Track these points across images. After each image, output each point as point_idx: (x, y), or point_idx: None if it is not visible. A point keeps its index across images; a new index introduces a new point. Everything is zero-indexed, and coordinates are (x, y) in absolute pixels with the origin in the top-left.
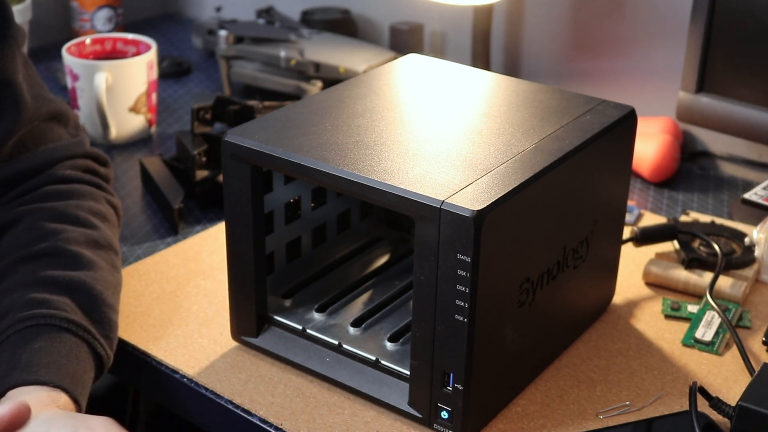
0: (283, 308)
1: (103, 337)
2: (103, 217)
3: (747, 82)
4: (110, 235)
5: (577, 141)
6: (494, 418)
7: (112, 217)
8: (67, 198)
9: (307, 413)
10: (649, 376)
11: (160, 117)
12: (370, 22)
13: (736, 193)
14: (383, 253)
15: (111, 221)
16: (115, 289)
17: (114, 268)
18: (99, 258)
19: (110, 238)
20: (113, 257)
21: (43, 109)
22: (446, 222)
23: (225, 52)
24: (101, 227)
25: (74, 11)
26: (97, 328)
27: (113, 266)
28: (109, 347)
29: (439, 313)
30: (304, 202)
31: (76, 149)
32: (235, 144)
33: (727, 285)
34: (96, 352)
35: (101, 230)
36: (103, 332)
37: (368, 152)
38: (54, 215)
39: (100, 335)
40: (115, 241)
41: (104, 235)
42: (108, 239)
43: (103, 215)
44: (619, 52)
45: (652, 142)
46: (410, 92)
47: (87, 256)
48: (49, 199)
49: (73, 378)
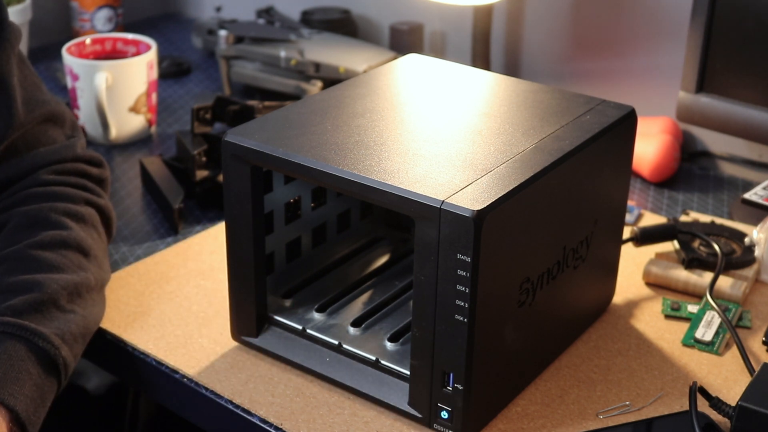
0: (283, 308)
1: (51, 331)
2: (79, 217)
3: (747, 82)
4: (82, 236)
5: (577, 141)
6: (494, 418)
7: (91, 217)
8: (43, 201)
9: (307, 413)
10: (649, 376)
11: (160, 117)
12: (370, 22)
13: (736, 193)
14: (383, 253)
15: (88, 222)
16: (75, 288)
17: (80, 267)
18: (63, 258)
19: (81, 239)
20: (80, 258)
21: (36, 112)
22: (446, 222)
23: (225, 52)
24: (73, 228)
25: (74, 11)
26: (43, 324)
27: (79, 266)
28: (59, 340)
29: (439, 313)
30: (304, 202)
31: (66, 153)
32: (235, 144)
33: (727, 285)
34: (38, 347)
35: (72, 231)
36: (50, 326)
37: (368, 152)
38: (27, 219)
39: (46, 330)
40: (89, 242)
41: (74, 235)
42: (78, 240)
43: (79, 216)
44: (619, 52)
45: (652, 142)
46: (410, 92)
47: (48, 258)
48: (26, 203)
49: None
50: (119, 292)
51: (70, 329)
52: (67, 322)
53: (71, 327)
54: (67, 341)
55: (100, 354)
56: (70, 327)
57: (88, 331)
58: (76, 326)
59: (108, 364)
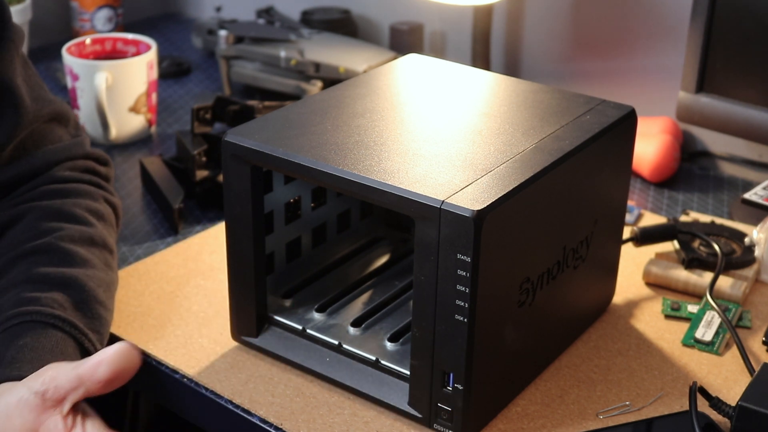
0: (283, 308)
1: (93, 332)
2: (100, 215)
3: (747, 82)
4: (106, 233)
5: (577, 141)
6: (494, 418)
7: (109, 216)
8: (64, 196)
9: (307, 413)
10: (649, 376)
11: (160, 117)
12: (370, 22)
13: (736, 193)
14: (383, 253)
15: (108, 220)
16: (107, 287)
17: (107, 266)
18: (93, 256)
19: (105, 237)
20: (107, 256)
21: (43, 110)
22: (446, 222)
23: (225, 52)
24: (97, 225)
25: (74, 11)
26: (86, 323)
27: (107, 264)
28: (99, 342)
29: (439, 313)
30: (304, 202)
31: (76, 150)
32: (235, 144)
33: (727, 285)
34: (83, 347)
35: (97, 228)
36: (92, 327)
37: (368, 152)
38: (51, 213)
39: (89, 330)
40: (111, 240)
41: (100, 233)
42: (103, 237)
43: (100, 214)
44: (619, 52)
45: (652, 142)
46: (410, 92)
47: (81, 254)
48: (47, 197)
49: None
50: (119, 292)
51: (105, 333)
52: (104, 324)
53: (104, 329)
54: (102, 344)
55: None
56: (105, 330)
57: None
58: (106, 328)
59: None
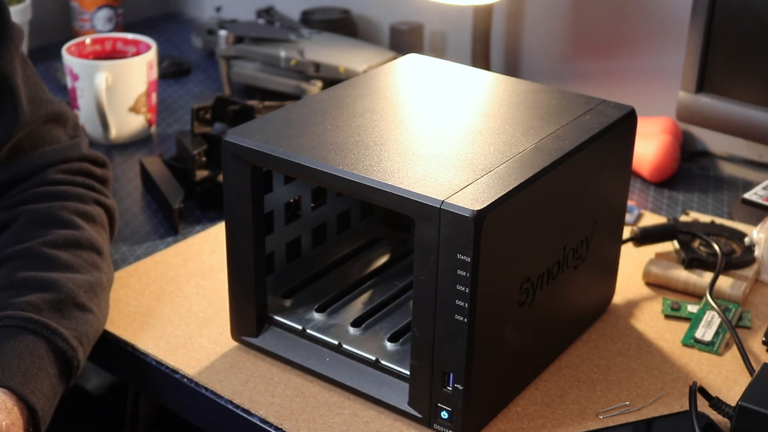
0: (283, 308)
1: (69, 331)
2: (89, 217)
3: (747, 82)
4: (94, 235)
5: (577, 141)
6: (494, 418)
7: (100, 217)
8: (53, 199)
9: (307, 413)
10: (649, 376)
11: (160, 117)
12: (370, 22)
13: (736, 193)
14: (383, 253)
15: (98, 221)
16: (89, 288)
17: (94, 267)
18: (76, 258)
19: (93, 239)
20: (94, 257)
21: (41, 111)
22: (446, 222)
23: (225, 52)
24: (85, 227)
25: (74, 11)
26: (62, 323)
27: (93, 266)
28: (78, 341)
29: (439, 313)
30: (304, 202)
31: (71, 152)
32: (235, 144)
33: (727, 285)
34: (57, 347)
35: (84, 230)
36: (69, 327)
37: (368, 152)
38: (38, 217)
39: (65, 329)
40: (100, 241)
41: (87, 235)
42: (90, 239)
43: (89, 216)
44: (619, 52)
45: (652, 142)
46: (410, 92)
47: (62, 258)
48: (36, 201)
49: (24, 376)
50: (119, 292)
51: (87, 331)
52: (84, 323)
53: (87, 329)
54: (83, 344)
55: (101, 354)
56: (86, 329)
57: (99, 333)
58: (91, 328)
59: (108, 364)
